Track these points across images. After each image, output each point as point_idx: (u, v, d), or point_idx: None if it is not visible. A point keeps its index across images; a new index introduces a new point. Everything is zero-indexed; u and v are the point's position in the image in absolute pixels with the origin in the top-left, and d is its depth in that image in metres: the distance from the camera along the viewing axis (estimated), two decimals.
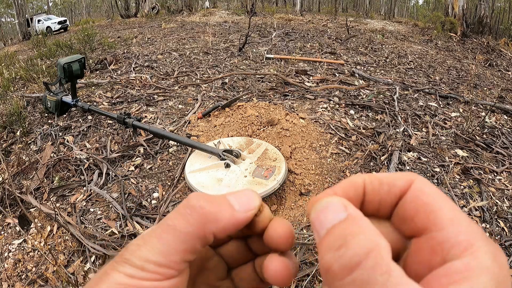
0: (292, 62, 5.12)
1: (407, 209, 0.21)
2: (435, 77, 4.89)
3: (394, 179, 0.22)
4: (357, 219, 0.19)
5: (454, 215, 0.19)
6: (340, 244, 0.18)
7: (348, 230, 0.18)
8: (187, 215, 0.22)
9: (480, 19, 10.75)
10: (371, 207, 0.23)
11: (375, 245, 0.17)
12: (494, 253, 0.17)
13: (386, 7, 25.83)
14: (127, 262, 0.21)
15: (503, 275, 0.17)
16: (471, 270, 0.16)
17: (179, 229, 0.22)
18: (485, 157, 2.68)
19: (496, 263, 0.17)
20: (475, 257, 0.17)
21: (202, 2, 20.98)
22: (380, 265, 0.16)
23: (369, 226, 0.19)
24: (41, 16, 18.13)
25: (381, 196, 0.22)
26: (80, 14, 38.26)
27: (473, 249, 0.17)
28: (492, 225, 1.98)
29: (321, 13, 18.18)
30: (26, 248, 1.90)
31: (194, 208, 0.23)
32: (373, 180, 0.22)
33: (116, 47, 6.44)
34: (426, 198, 0.20)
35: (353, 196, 0.22)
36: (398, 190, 0.21)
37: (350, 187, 0.23)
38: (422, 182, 0.21)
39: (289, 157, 2.46)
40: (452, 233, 0.18)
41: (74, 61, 3.02)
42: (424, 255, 0.19)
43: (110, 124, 3.07)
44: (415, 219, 0.20)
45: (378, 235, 0.18)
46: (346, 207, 0.20)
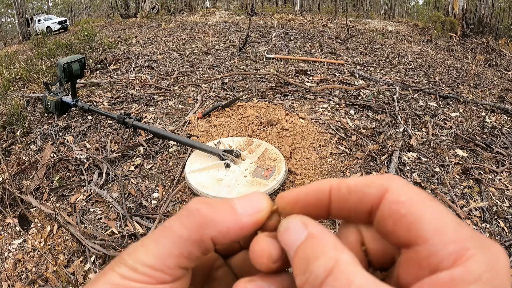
0: (292, 62, 5.12)
1: (385, 224, 0.19)
2: (435, 77, 4.89)
3: (364, 187, 0.20)
4: (317, 236, 0.19)
5: (438, 222, 0.17)
6: (305, 268, 0.18)
7: (309, 252, 0.19)
8: (183, 217, 0.22)
9: (480, 19, 10.75)
10: (341, 214, 0.22)
11: (334, 262, 0.17)
12: (491, 260, 0.16)
13: (386, 7, 25.83)
14: (123, 263, 0.21)
15: (497, 284, 0.15)
16: (458, 279, 0.15)
17: (176, 232, 0.21)
18: (485, 157, 2.68)
19: (491, 271, 0.16)
20: (464, 267, 0.16)
21: (202, 2, 20.98)
22: (339, 279, 0.17)
23: (329, 242, 0.19)
24: (41, 16, 18.14)
25: (349, 205, 0.21)
26: (80, 14, 38.26)
27: (464, 259, 0.16)
28: (492, 225, 1.98)
29: (321, 13, 18.18)
30: (26, 248, 1.90)
31: (190, 211, 0.22)
32: (341, 188, 0.21)
33: (116, 47, 6.44)
34: (403, 209, 0.18)
35: (316, 202, 0.22)
36: (369, 200, 0.20)
37: (315, 192, 0.22)
38: (397, 191, 0.19)
39: (289, 157, 2.46)
40: (438, 245, 0.17)
41: (74, 61, 3.02)
42: (412, 268, 0.18)
43: (110, 124, 3.07)
44: (396, 234, 0.18)
45: (339, 250, 0.18)
46: (306, 225, 0.20)
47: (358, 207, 0.21)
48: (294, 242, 0.20)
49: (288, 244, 0.20)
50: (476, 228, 1.95)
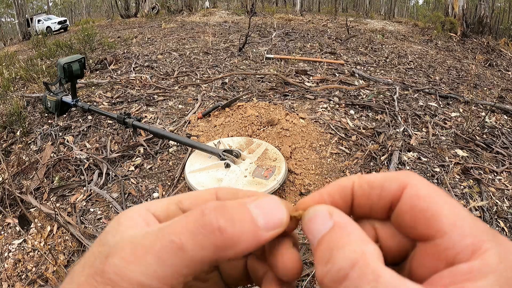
0: (292, 62, 5.12)
1: (405, 217, 0.20)
2: (435, 77, 4.89)
3: (385, 182, 0.21)
4: (343, 227, 0.19)
5: (456, 217, 0.18)
6: (328, 258, 0.18)
7: (334, 242, 0.18)
8: (202, 237, 0.18)
9: (480, 19, 10.75)
10: (363, 211, 0.22)
11: (360, 254, 0.17)
12: (504, 252, 0.17)
13: (386, 7, 25.83)
14: (112, 286, 0.17)
15: (510, 275, 0.16)
16: (476, 271, 0.16)
17: (189, 252, 0.18)
18: (485, 157, 2.68)
19: (503, 262, 0.16)
20: (482, 259, 0.16)
21: (202, 2, 20.98)
22: (366, 274, 0.16)
23: (355, 233, 0.18)
24: (41, 16, 18.14)
25: (372, 200, 0.21)
26: (80, 14, 38.27)
27: (481, 252, 0.17)
28: (492, 225, 1.98)
29: (321, 13, 18.18)
30: (26, 248, 1.90)
31: (212, 230, 0.18)
32: (362, 184, 0.21)
33: (116, 47, 6.44)
34: (423, 203, 0.19)
35: (340, 200, 0.22)
36: (390, 195, 0.20)
37: (337, 190, 0.22)
38: (416, 186, 0.20)
39: (289, 157, 2.46)
40: (456, 238, 0.17)
41: (74, 61, 3.02)
42: (429, 260, 0.18)
43: (110, 124, 3.07)
44: (415, 227, 0.19)
45: (365, 242, 0.18)
46: (332, 215, 0.20)
47: (380, 202, 0.21)
48: (318, 232, 0.19)
49: (312, 233, 0.20)
50: None
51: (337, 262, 0.17)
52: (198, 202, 0.23)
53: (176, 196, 0.24)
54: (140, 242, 0.18)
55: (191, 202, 0.23)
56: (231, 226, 0.19)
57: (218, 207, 0.19)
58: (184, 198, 0.24)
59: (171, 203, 0.23)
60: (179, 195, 0.24)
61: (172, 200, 0.23)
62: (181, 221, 0.19)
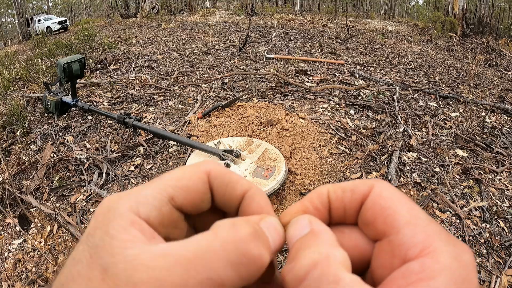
0: (292, 62, 5.12)
1: (367, 214, 0.21)
2: (435, 77, 4.89)
3: (356, 185, 0.22)
4: (317, 232, 0.20)
5: (411, 217, 0.19)
6: (293, 256, 0.18)
7: (303, 244, 0.19)
8: (243, 268, 0.17)
9: (480, 19, 10.75)
10: (338, 214, 0.23)
11: (325, 256, 0.17)
12: (455, 252, 0.17)
13: (386, 7, 25.84)
14: None
15: (465, 274, 0.16)
16: (428, 270, 0.16)
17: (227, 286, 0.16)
18: (485, 157, 2.68)
19: (458, 262, 0.17)
20: (432, 257, 0.17)
21: (202, 2, 20.97)
22: (326, 275, 0.16)
23: (325, 238, 0.19)
24: (41, 16, 18.14)
25: (345, 203, 0.22)
26: (80, 14, 38.28)
27: (430, 249, 0.17)
28: (492, 225, 1.98)
29: (321, 13, 18.18)
30: (26, 248, 1.90)
31: (254, 259, 0.17)
32: (336, 189, 0.23)
33: (116, 47, 6.44)
34: (384, 202, 0.20)
35: (319, 206, 0.23)
36: (359, 196, 0.21)
37: (317, 197, 0.23)
38: (382, 187, 0.21)
39: (289, 157, 2.46)
40: (408, 235, 0.18)
41: (74, 61, 3.02)
42: (386, 259, 0.19)
43: (110, 124, 3.07)
44: (374, 224, 0.20)
45: (333, 247, 0.18)
46: (311, 223, 0.21)
47: (351, 205, 0.22)
48: (295, 236, 0.20)
49: (290, 238, 0.21)
50: (476, 228, 1.95)
51: (300, 261, 0.18)
52: (194, 198, 0.22)
53: (162, 187, 0.21)
54: (170, 280, 0.15)
55: (185, 197, 0.21)
56: (267, 254, 0.18)
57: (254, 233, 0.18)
58: (176, 193, 0.21)
59: (163, 203, 0.20)
60: (164, 185, 0.21)
61: (163, 198, 0.20)
62: (214, 249, 0.17)
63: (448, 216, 2.01)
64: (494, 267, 1.73)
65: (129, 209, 0.19)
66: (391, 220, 0.19)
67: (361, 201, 0.21)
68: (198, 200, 0.22)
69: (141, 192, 0.20)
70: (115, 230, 0.18)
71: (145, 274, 0.16)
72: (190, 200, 0.22)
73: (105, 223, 0.18)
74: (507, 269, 1.71)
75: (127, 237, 0.18)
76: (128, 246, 0.17)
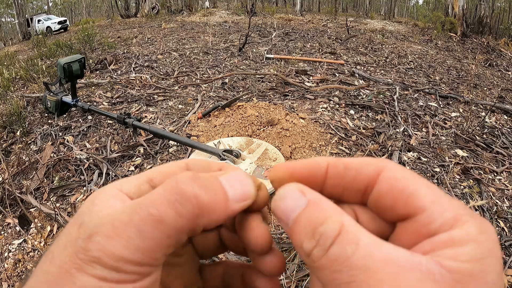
0: (292, 62, 5.12)
1: (383, 199, 0.20)
2: (435, 77, 4.89)
3: (362, 165, 0.21)
4: (318, 203, 0.19)
5: (434, 195, 0.19)
6: (312, 232, 0.18)
7: (313, 218, 0.19)
8: (179, 205, 0.19)
9: (480, 19, 10.75)
10: (334, 191, 0.22)
11: (341, 224, 0.18)
12: (481, 224, 0.17)
13: (386, 7, 25.84)
14: (97, 262, 0.17)
15: (490, 245, 0.17)
16: (457, 239, 0.17)
17: (168, 222, 0.18)
18: (485, 157, 2.68)
19: (483, 233, 0.17)
20: (462, 229, 0.17)
21: (202, 2, 20.97)
22: (348, 239, 0.17)
23: (330, 207, 0.19)
24: (41, 16, 18.15)
25: (345, 182, 0.21)
26: (80, 14, 38.28)
27: (460, 223, 0.17)
28: (492, 225, 1.98)
29: (321, 13, 18.19)
30: (26, 248, 1.90)
31: (188, 197, 0.19)
32: (338, 164, 0.22)
33: (116, 47, 6.44)
34: (401, 184, 0.19)
35: (310, 177, 0.22)
36: (366, 178, 0.21)
37: (311, 167, 0.22)
38: (393, 169, 0.20)
39: (289, 157, 2.46)
40: (436, 213, 0.18)
41: (74, 61, 3.02)
42: (410, 238, 0.19)
43: (110, 124, 3.07)
44: (395, 208, 0.20)
45: (341, 213, 0.19)
46: (304, 193, 0.20)
47: (354, 184, 0.21)
48: (292, 211, 0.20)
49: (285, 213, 0.20)
50: None
51: (323, 234, 0.18)
52: None
53: (145, 173, 0.23)
54: (119, 217, 0.19)
55: (162, 179, 0.23)
56: (205, 194, 0.19)
57: (192, 177, 0.20)
58: (155, 175, 0.23)
59: (143, 182, 0.22)
60: (148, 172, 0.23)
61: (142, 179, 0.23)
62: (157, 192, 0.19)
63: None
64: None
65: (113, 186, 0.22)
66: (413, 201, 0.19)
67: (367, 184, 0.21)
68: None
69: (125, 178, 0.23)
70: (98, 200, 0.21)
71: (104, 215, 0.19)
72: None
73: (92, 198, 0.21)
74: (507, 269, 1.71)
75: (106, 204, 0.20)
76: (106, 209, 0.20)
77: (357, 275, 0.16)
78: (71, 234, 0.19)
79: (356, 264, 0.16)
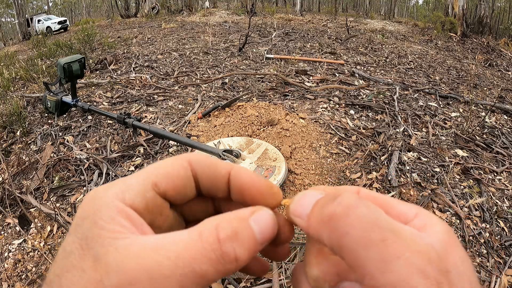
0: (292, 62, 5.12)
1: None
2: (435, 77, 4.89)
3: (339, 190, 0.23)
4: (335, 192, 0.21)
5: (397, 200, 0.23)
6: (334, 197, 0.20)
7: (333, 194, 0.20)
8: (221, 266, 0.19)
9: (480, 19, 10.75)
10: None
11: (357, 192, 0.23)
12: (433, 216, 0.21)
13: (386, 7, 25.84)
14: None
15: (451, 232, 0.20)
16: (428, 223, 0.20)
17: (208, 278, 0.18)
18: (485, 157, 2.68)
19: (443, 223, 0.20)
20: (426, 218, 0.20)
21: (202, 2, 20.97)
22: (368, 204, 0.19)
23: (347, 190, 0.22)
24: (41, 16, 18.15)
25: None
26: (80, 14, 38.28)
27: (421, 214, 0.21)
28: (492, 225, 1.98)
29: (321, 13, 18.19)
30: (26, 248, 1.90)
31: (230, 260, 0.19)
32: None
33: (116, 47, 6.44)
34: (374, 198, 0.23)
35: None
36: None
37: None
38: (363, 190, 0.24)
39: (289, 157, 2.46)
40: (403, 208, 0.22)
41: (74, 61, 3.02)
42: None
43: (110, 124, 3.07)
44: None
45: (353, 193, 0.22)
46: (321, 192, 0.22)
47: None
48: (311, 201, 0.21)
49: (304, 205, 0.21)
50: (476, 228, 1.95)
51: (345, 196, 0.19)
52: (176, 184, 0.23)
53: (146, 174, 0.22)
54: (157, 270, 0.17)
55: (167, 184, 0.22)
56: (243, 253, 0.19)
57: (231, 236, 0.19)
58: (159, 179, 0.22)
59: (147, 189, 0.21)
60: (149, 172, 0.22)
61: (146, 184, 0.22)
62: (198, 246, 0.19)
63: (448, 216, 2.01)
64: (494, 267, 1.73)
65: (114, 196, 0.20)
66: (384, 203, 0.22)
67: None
68: (181, 186, 0.23)
69: (125, 181, 0.22)
70: (103, 221, 0.19)
71: (136, 264, 0.17)
72: (172, 186, 0.23)
73: (92, 212, 0.19)
74: (507, 269, 1.71)
75: (115, 227, 0.19)
76: (117, 236, 0.18)
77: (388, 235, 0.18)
78: (85, 271, 0.17)
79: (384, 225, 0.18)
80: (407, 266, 0.17)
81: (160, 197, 0.22)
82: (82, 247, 0.18)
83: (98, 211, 0.19)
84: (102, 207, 0.19)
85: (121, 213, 0.19)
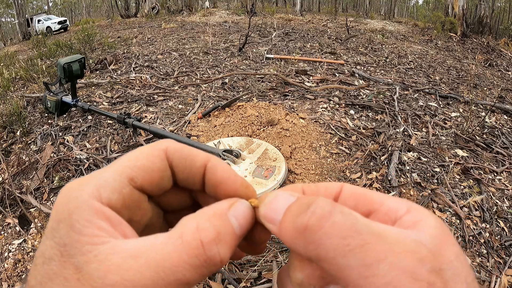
0: (292, 62, 5.12)
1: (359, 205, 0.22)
2: (435, 77, 4.89)
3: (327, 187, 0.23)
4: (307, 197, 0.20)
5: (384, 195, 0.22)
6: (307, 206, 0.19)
7: (305, 200, 0.19)
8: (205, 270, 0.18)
9: (480, 19, 10.75)
10: None
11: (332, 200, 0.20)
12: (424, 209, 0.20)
13: (386, 7, 25.85)
14: None
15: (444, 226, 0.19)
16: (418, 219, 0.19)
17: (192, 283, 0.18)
18: (485, 157, 2.68)
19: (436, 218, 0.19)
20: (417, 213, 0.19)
21: (202, 2, 20.97)
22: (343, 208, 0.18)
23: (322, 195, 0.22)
24: (41, 16, 18.15)
25: None
26: (80, 14, 38.29)
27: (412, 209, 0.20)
28: (492, 225, 1.98)
29: (321, 13, 18.19)
30: (26, 248, 1.90)
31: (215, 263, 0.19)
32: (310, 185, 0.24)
33: (116, 47, 6.44)
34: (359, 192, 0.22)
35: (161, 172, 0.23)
36: (333, 192, 0.23)
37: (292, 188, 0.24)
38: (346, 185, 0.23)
39: (289, 157, 2.46)
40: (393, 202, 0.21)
41: (74, 61, 3.02)
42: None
43: (110, 124, 3.07)
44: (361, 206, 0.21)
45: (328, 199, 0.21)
46: (292, 194, 0.21)
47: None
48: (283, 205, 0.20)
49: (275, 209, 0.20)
50: (476, 228, 1.95)
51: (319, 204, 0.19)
52: (153, 177, 0.22)
53: (123, 169, 0.21)
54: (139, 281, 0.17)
55: (144, 177, 0.21)
56: (227, 252, 0.19)
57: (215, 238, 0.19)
58: (135, 173, 0.21)
59: (124, 185, 0.20)
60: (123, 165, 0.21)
61: (123, 180, 0.21)
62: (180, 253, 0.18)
63: (448, 216, 2.01)
64: (494, 267, 1.73)
65: (90, 195, 0.19)
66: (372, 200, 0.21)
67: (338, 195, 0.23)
68: (158, 179, 0.22)
69: (100, 176, 0.20)
70: (80, 224, 0.18)
71: (118, 276, 0.17)
72: (149, 179, 0.22)
73: (67, 214, 0.18)
74: (507, 269, 1.71)
75: (93, 231, 0.18)
76: (96, 241, 0.18)
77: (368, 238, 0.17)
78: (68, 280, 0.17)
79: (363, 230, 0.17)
80: (392, 269, 0.16)
81: (137, 191, 0.21)
82: (62, 253, 0.17)
83: (73, 213, 0.18)
84: (78, 208, 0.18)
85: (98, 214, 0.19)
